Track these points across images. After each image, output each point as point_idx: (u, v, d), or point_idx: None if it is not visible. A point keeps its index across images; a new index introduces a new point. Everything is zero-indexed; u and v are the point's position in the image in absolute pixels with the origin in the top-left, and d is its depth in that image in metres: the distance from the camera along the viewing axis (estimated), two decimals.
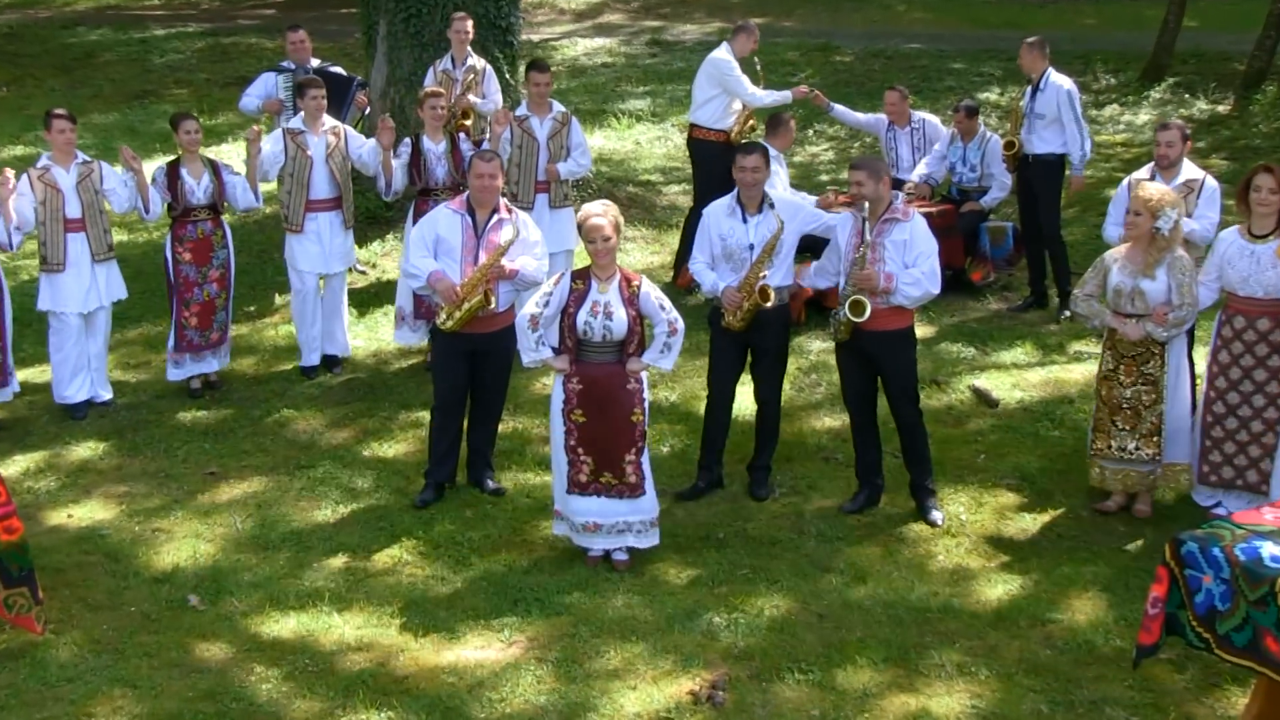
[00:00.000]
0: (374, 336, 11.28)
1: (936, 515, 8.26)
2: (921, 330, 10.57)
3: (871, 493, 8.49)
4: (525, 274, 8.35)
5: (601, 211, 7.68)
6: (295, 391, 10.31)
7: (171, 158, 10.11)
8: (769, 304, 8.21)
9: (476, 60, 11.74)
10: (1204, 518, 7.72)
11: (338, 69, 12.39)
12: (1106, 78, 18.37)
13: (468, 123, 11.08)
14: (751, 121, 12.15)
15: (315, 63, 12.13)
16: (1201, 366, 8.81)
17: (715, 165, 11.85)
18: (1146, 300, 7.96)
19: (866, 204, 7.96)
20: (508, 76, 12.94)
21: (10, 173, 9.46)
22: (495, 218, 8.35)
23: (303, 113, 10.34)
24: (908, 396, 8.21)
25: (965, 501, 8.54)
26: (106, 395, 10.03)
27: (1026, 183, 11.51)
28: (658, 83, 19.22)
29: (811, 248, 9.25)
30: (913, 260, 7.99)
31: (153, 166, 10.17)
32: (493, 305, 8.25)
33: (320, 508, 8.57)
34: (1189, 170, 9.25)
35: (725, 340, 8.50)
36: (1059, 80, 11.23)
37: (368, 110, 12.12)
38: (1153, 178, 9.10)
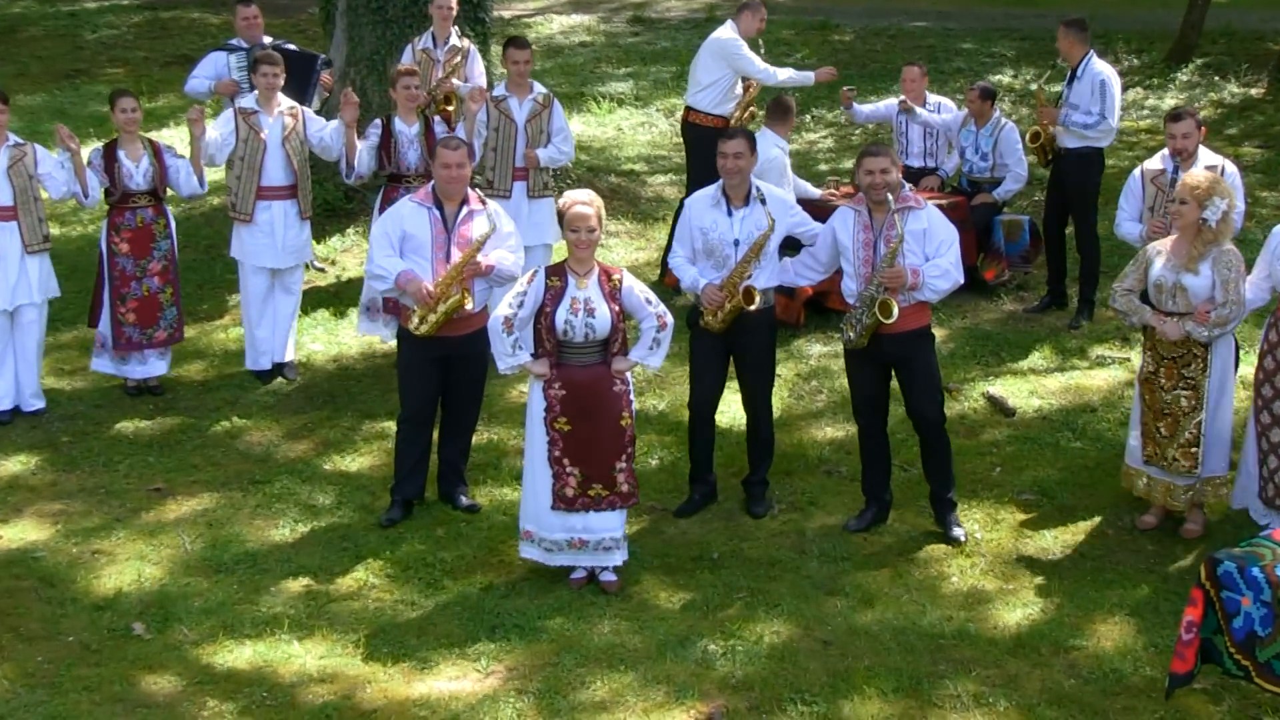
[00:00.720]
0: (334, 340, 11.30)
1: (958, 532, 8.32)
2: None
3: (879, 509, 8.55)
4: (501, 269, 8.38)
5: (587, 200, 7.73)
6: (248, 399, 10.32)
7: (108, 139, 10.11)
8: (753, 307, 8.27)
9: (460, 40, 11.77)
10: (1243, 535, 7.76)
11: (291, 45, 12.40)
12: (1129, 59, 18.49)
13: (450, 108, 11.12)
14: (752, 108, 12.24)
15: (268, 40, 12.13)
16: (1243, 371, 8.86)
17: (712, 153, 11.87)
18: (1188, 297, 8.02)
19: (891, 195, 7.97)
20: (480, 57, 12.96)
21: None
22: (465, 210, 8.38)
23: (255, 91, 10.36)
24: (932, 400, 8.27)
25: (980, 518, 8.61)
26: (39, 404, 10.03)
27: (1058, 179, 11.56)
28: (640, 63, 19.28)
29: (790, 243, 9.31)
30: (934, 251, 8.05)
31: (88, 151, 10.17)
32: (470, 306, 8.29)
33: (277, 526, 8.58)
34: (1207, 157, 9.32)
35: (706, 344, 8.56)
36: (1099, 67, 11.17)
37: (329, 92, 12.14)
38: (1175, 170, 9.16)
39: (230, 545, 8.35)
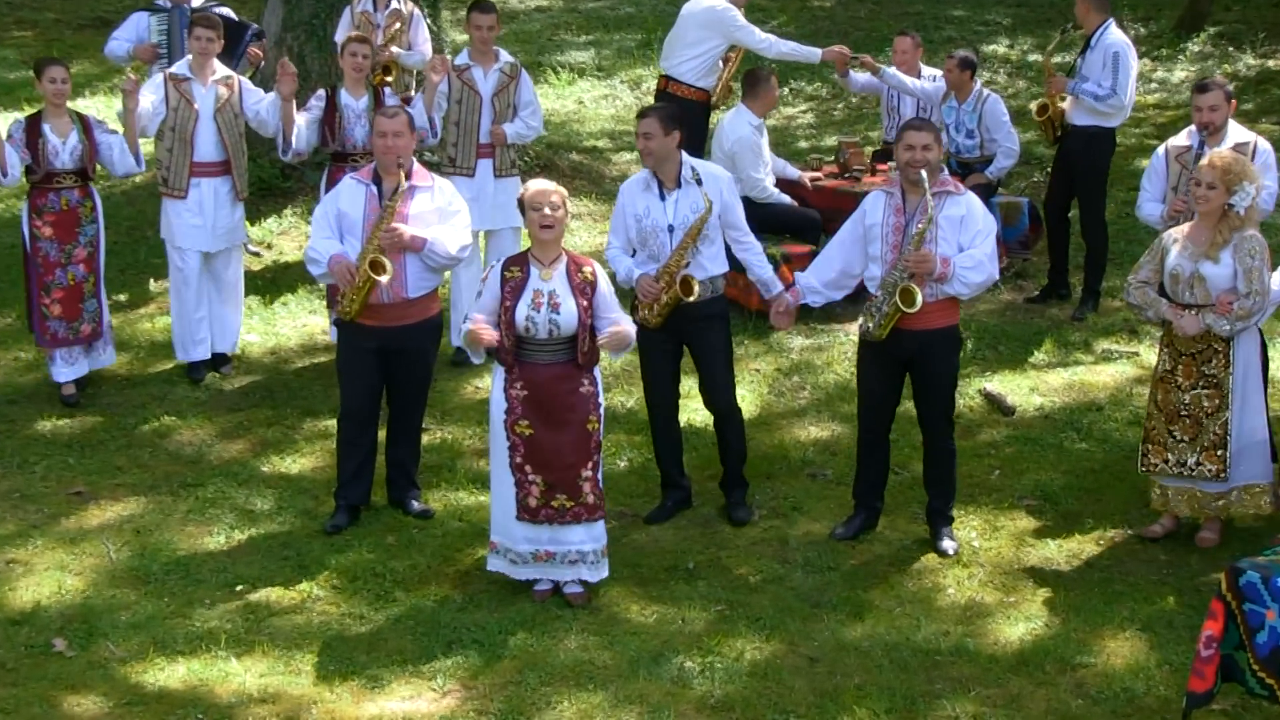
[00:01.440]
0: (271, 330, 11.31)
1: (948, 544, 8.39)
2: None
3: (869, 516, 8.61)
4: (435, 248, 8.35)
5: (549, 183, 7.82)
6: (177, 395, 10.31)
7: (32, 112, 10.00)
8: (692, 298, 8.29)
9: (402, 3, 11.74)
10: (1264, 543, 7.82)
11: (226, 10, 12.37)
12: (1136, 27, 18.59)
13: (389, 79, 11.09)
14: (730, 84, 12.30)
15: (197, 1, 12.09)
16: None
17: (693, 129, 11.92)
18: (1207, 287, 8.05)
19: (925, 174, 7.96)
20: (429, 22, 12.95)
21: None
22: (407, 185, 8.38)
23: (189, 56, 10.27)
24: (945, 409, 8.32)
25: (978, 525, 8.68)
26: None
27: (1064, 158, 11.61)
28: (603, 31, 19.30)
29: (782, 229, 9.30)
30: (969, 241, 8.01)
31: (6, 123, 10.10)
32: (385, 277, 8.21)
33: (212, 534, 8.59)
34: (1237, 133, 9.36)
35: (653, 342, 8.58)
36: (1114, 38, 11.23)
37: (262, 64, 12.10)
38: (1200, 145, 9.21)
39: (160, 554, 8.34)
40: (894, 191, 8.17)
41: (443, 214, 8.41)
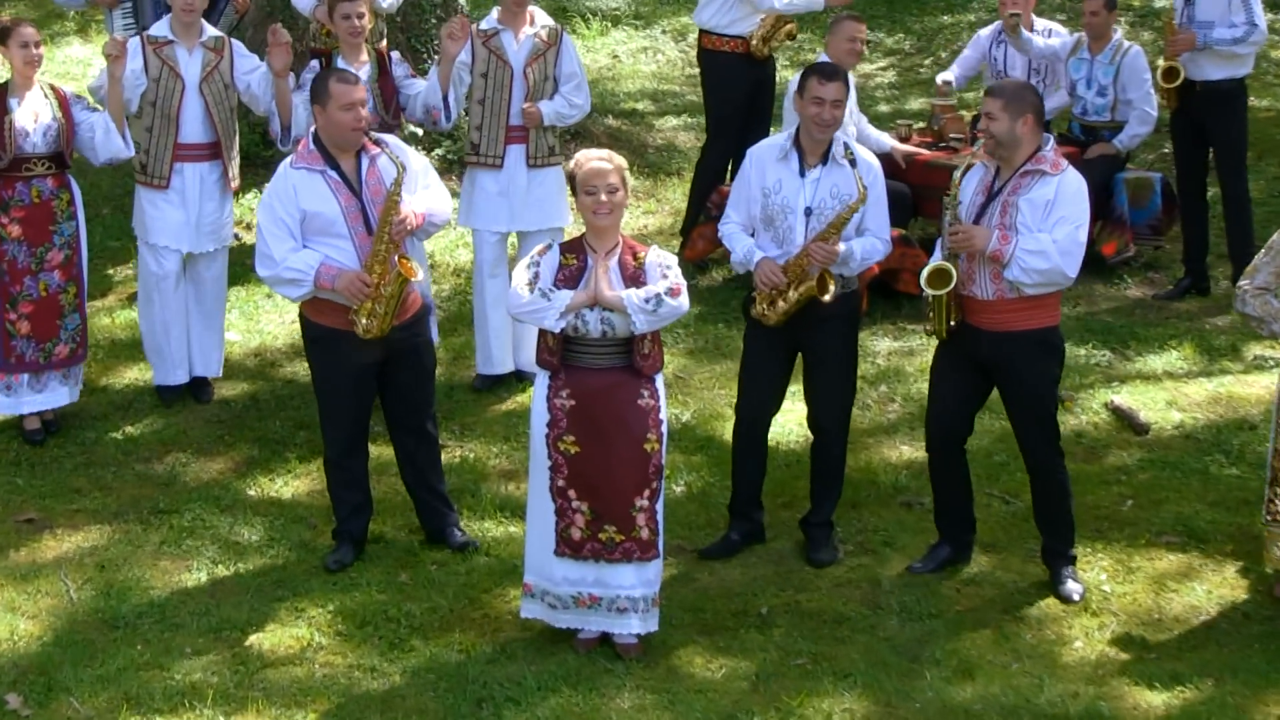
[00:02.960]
0: (254, 328, 11.38)
1: (1073, 588, 8.37)
2: None
3: (956, 549, 8.64)
4: (435, 219, 8.47)
5: (605, 156, 7.80)
6: (145, 404, 10.39)
7: None
8: (827, 298, 8.26)
9: None
10: None
11: None
12: None
13: (366, 26, 11.08)
14: (790, 25, 12.16)
15: None
16: None
17: (730, 86, 11.93)
18: None
19: (973, 141, 8.01)
20: None
21: None
22: (364, 159, 8.40)
23: (170, 14, 10.14)
24: (1042, 429, 8.29)
25: (1108, 566, 8.67)
26: None
27: (1189, 121, 11.62)
28: None
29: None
30: (1050, 227, 7.95)
31: None
32: (420, 276, 8.29)
33: (191, 569, 8.63)
34: None
35: (764, 340, 8.60)
36: None
37: (248, 13, 12.07)
38: None
39: (129, 593, 8.38)
40: (990, 165, 8.18)
41: (411, 176, 8.38)
